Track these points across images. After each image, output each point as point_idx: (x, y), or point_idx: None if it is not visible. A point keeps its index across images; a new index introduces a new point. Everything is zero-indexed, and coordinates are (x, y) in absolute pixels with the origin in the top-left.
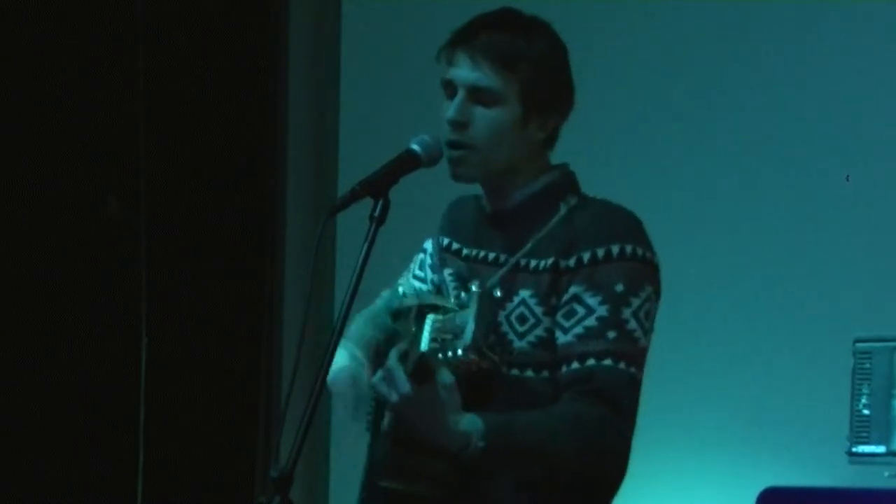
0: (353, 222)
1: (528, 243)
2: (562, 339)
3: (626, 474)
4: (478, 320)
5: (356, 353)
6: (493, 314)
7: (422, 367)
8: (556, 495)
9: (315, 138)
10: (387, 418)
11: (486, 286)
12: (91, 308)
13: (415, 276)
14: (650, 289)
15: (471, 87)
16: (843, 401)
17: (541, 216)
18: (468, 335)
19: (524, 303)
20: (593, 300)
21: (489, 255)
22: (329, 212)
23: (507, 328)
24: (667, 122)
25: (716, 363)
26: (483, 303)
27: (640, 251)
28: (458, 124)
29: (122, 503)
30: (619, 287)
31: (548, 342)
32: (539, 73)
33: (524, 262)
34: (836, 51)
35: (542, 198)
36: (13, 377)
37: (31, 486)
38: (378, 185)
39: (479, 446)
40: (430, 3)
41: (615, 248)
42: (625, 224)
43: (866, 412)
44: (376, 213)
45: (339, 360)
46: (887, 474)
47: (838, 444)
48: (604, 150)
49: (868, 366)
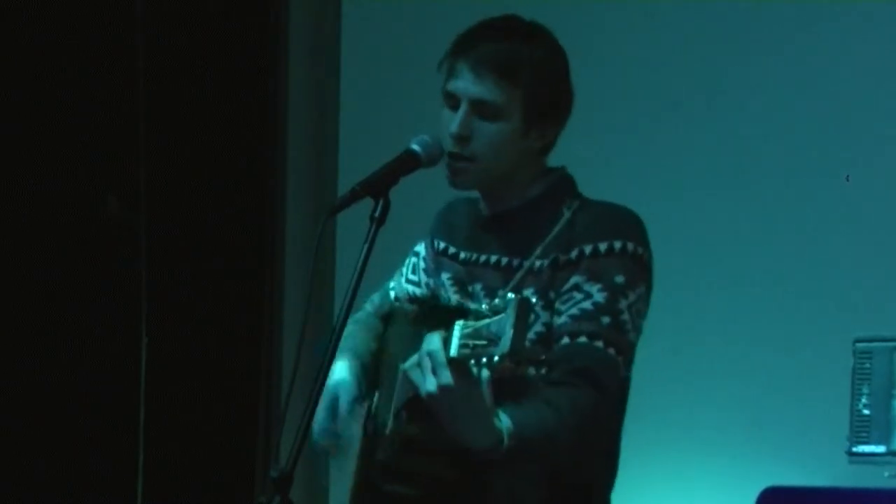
0: (353, 222)
1: (535, 248)
2: (557, 321)
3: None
4: (516, 327)
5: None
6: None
7: (456, 371)
8: (558, 490)
9: (315, 138)
10: (390, 421)
11: (522, 293)
12: (91, 308)
13: (408, 280)
14: (644, 288)
15: (474, 101)
16: (843, 401)
17: (543, 220)
18: (506, 343)
19: None
20: (593, 288)
21: (490, 258)
22: (329, 212)
23: None
24: (666, 123)
25: (716, 363)
26: (521, 309)
27: (640, 250)
28: (461, 138)
29: (122, 503)
30: (619, 279)
31: (546, 337)
32: (541, 82)
33: (527, 263)
34: (836, 51)
35: (541, 202)
36: (13, 377)
37: (31, 486)
38: (378, 186)
39: (508, 445)
40: (430, 4)
41: (617, 244)
42: (627, 222)
43: (866, 412)
44: (376, 213)
45: (338, 373)
46: (887, 474)
47: (838, 444)
48: (604, 151)
49: (868, 366)
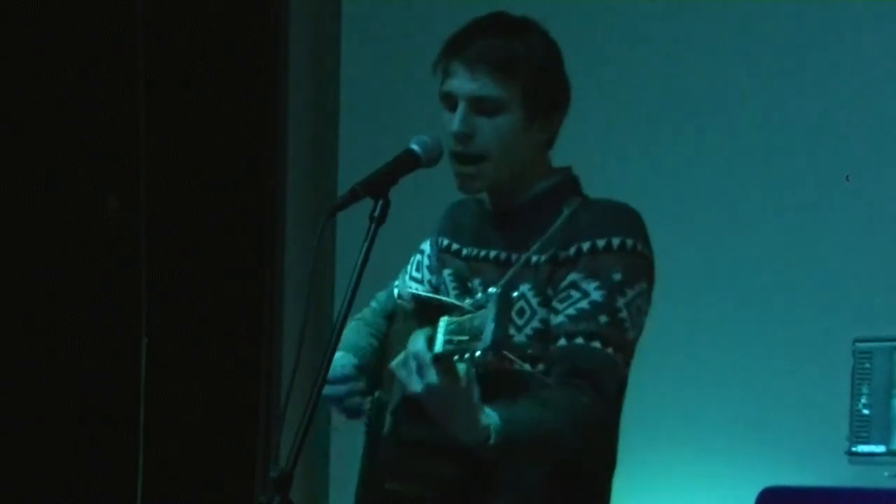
0: (353, 222)
1: (531, 245)
2: (554, 320)
3: (615, 462)
4: (497, 321)
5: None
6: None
7: (440, 367)
8: (556, 488)
9: (315, 138)
10: (388, 421)
11: (503, 287)
12: (91, 308)
13: (412, 278)
14: (645, 285)
15: (471, 98)
16: (843, 401)
17: (544, 217)
18: (487, 337)
19: (523, 297)
20: (590, 286)
21: (490, 254)
22: (329, 212)
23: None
24: (667, 123)
25: (716, 363)
26: (502, 303)
27: (639, 246)
28: (464, 136)
29: (122, 503)
30: (617, 276)
31: (543, 334)
32: (538, 73)
33: (525, 258)
34: (836, 51)
35: (545, 199)
36: (13, 377)
37: (31, 486)
38: (378, 185)
39: (497, 441)
40: (430, 4)
41: (616, 241)
42: (627, 219)
43: (866, 412)
44: (376, 213)
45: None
46: (887, 474)
47: (838, 444)
48: (604, 151)
49: (868, 366)
